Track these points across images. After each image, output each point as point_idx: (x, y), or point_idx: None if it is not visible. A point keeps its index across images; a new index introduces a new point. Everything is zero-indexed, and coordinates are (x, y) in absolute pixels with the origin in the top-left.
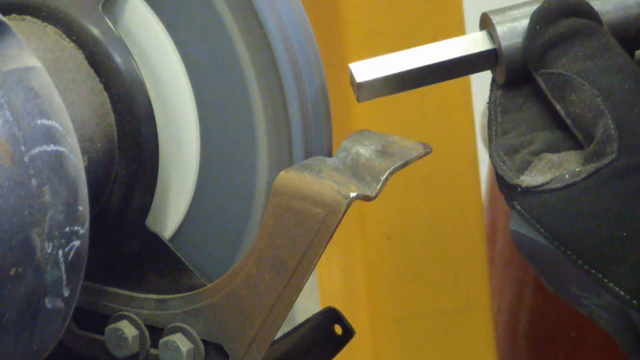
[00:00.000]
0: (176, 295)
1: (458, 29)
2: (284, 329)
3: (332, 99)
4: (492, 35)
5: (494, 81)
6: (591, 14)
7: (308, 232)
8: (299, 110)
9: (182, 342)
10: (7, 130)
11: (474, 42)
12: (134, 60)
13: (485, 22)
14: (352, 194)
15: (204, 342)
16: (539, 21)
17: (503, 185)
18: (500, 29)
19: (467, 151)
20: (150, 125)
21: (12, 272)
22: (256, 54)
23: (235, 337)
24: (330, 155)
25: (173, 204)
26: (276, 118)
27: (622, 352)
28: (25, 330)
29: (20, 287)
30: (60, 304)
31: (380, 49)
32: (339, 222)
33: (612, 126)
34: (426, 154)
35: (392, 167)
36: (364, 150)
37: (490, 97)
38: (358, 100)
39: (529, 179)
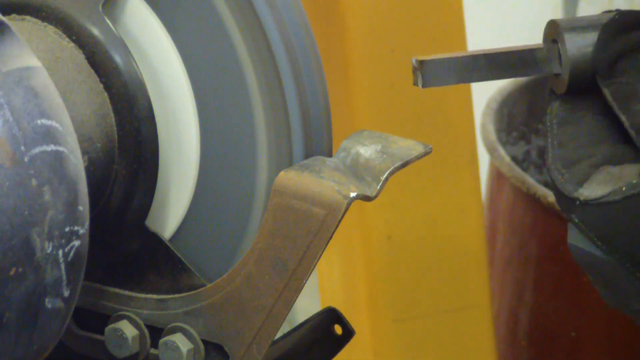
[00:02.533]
0: (176, 295)
1: (458, 29)
2: (284, 329)
3: (332, 99)
4: (561, 51)
5: (552, 91)
6: None
7: (308, 232)
8: (299, 110)
9: (182, 342)
10: (7, 130)
11: (545, 61)
12: (134, 60)
13: (553, 29)
14: (352, 194)
15: (204, 342)
16: (610, 32)
17: (561, 198)
18: (568, 38)
19: (467, 151)
20: (150, 125)
21: (12, 272)
22: (256, 53)
23: (235, 337)
24: (330, 155)
25: (173, 204)
26: (276, 118)
27: (621, 353)
28: (25, 330)
29: (20, 287)
30: (60, 304)
31: (380, 49)
32: (339, 222)
33: None
34: (426, 154)
35: (392, 167)
36: (364, 150)
37: (547, 108)
38: (423, 85)
39: (587, 192)
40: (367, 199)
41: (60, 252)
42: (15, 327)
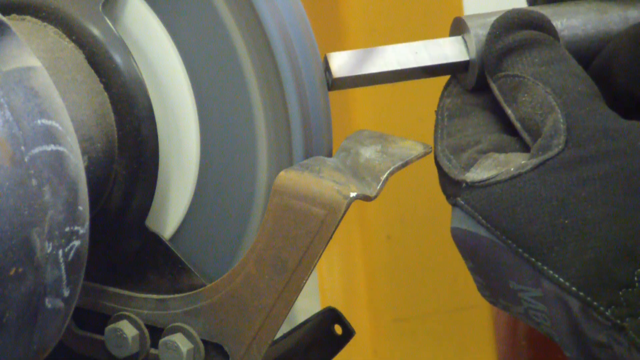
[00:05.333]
0: (176, 295)
1: None
2: (284, 329)
3: (332, 99)
4: (467, 42)
5: (446, 88)
6: (549, 29)
7: (308, 232)
8: (299, 110)
9: (182, 342)
10: (7, 130)
11: (452, 50)
12: (134, 60)
13: (461, 27)
14: (352, 194)
15: (204, 342)
16: (499, 28)
17: (447, 183)
18: (475, 33)
19: None
20: (150, 125)
21: (12, 272)
22: (256, 53)
23: (235, 337)
24: (330, 155)
25: (173, 204)
26: (276, 118)
27: None
28: (25, 330)
29: (20, 287)
30: (60, 304)
31: None
32: (339, 222)
33: (562, 120)
34: (426, 154)
35: (392, 167)
36: (364, 150)
37: (438, 105)
38: (333, 76)
39: (474, 175)
40: (367, 199)
41: (60, 252)
42: (15, 327)
